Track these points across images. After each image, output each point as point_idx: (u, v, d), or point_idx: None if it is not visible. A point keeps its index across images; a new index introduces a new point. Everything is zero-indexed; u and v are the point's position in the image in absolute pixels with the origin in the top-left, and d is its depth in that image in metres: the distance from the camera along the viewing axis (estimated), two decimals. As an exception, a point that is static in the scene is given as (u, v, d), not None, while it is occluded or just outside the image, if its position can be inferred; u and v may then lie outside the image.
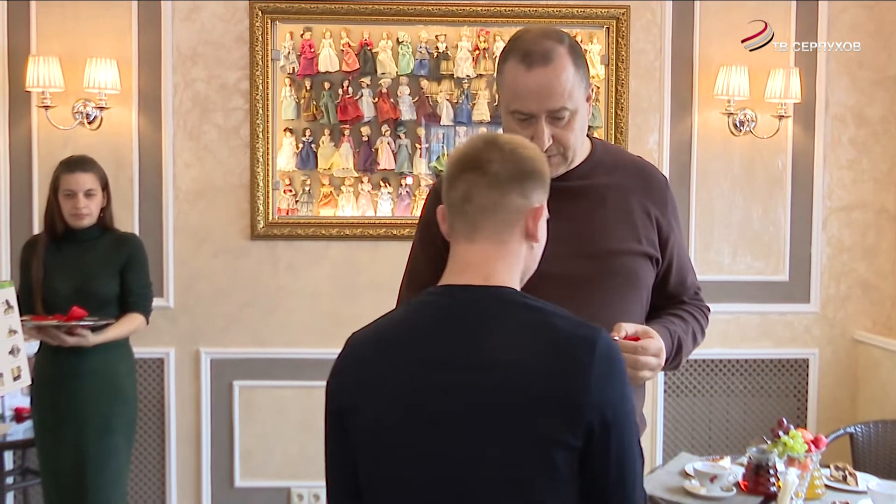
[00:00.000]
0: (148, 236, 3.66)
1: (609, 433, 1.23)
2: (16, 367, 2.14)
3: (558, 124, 1.63)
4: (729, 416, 4.03)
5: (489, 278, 1.30)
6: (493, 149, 1.32)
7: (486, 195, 1.30)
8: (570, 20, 3.86)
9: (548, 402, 1.21)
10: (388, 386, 1.28)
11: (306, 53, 3.86)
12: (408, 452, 1.26)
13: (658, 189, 1.78)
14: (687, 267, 1.85)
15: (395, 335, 1.31)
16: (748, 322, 4.01)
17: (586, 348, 1.23)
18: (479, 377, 1.23)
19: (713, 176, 3.97)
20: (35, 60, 3.63)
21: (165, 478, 3.91)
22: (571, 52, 1.63)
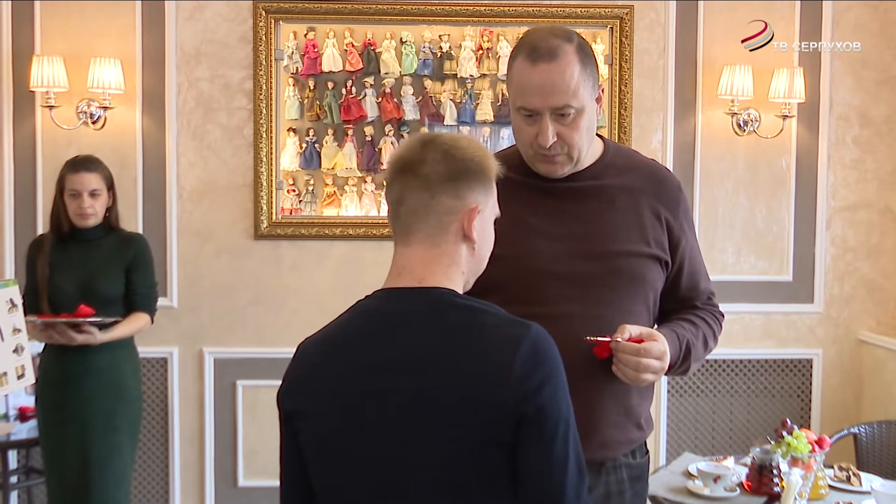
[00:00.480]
0: (152, 236, 3.66)
1: (538, 432, 1.21)
2: (20, 365, 2.14)
3: (563, 122, 1.62)
4: (732, 417, 4.03)
5: (423, 280, 1.30)
6: (428, 149, 1.31)
7: (417, 197, 1.30)
8: (574, 20, 3.86)
9: (476, 402, 1.21)
10: (327, 391, 1.29)
11: (310, 53, 3.86)
12: (346, 457, 1.27)
13: (670, 192, 1.76)
14: (700, 271, 1.82)
15: (335, 340, 1.32)
16: (752, 322, 4.01)
17: (511, 346, 1.22)
18: (411, 380, 1.23)
19: (717, 176, 3.97)
20: (39, 60, 3.63)
21: (169, 477, 3.91)
22: (579, 51, 1.62)
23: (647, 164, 1.81)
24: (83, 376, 3.07)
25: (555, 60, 1.59)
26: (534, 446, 1.22)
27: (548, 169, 1.69)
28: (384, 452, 1.24)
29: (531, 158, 1.70)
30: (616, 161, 1.76)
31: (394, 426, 1.24)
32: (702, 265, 1.84)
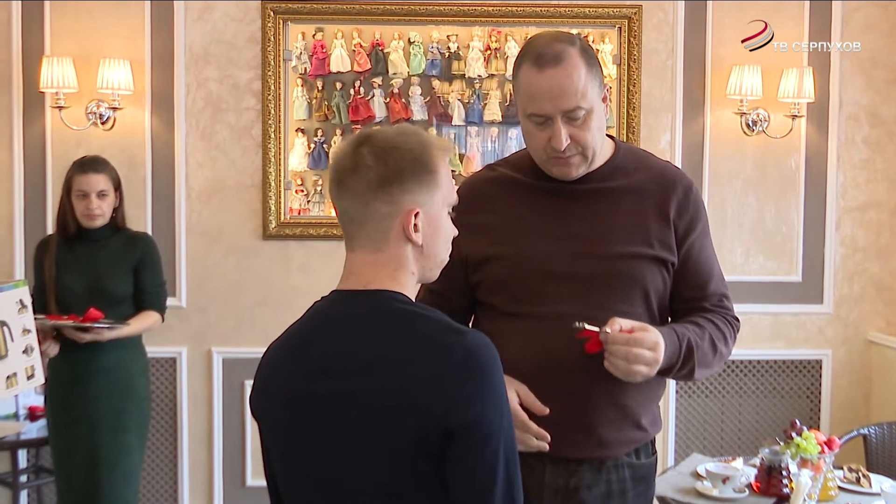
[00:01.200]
0: (160, 236, 3.67)
1: (468, 439, 1.19)
2: (29, 366, 2.14)
3: (574, 124, 1.64)
4: (741, 417, 4.02)
5: (369, 283, 1.29)
6: (360, 155, 1.28)
7: (352, 207, 1.29)
8: (582, 20, 3.86)
9: (406, 410, 1.19)
10: (278, 392, 1.31)
11: (318, 54, 3.87)
12: (294, 457, 1.29)
13: (679, 192, 1.74)
14: (709, 273, 1.79)
15: (289, 342, 1.34)
16: (761, 323, 4.00)
17: (443, 354, 1.20)
18: (348, 383, 1.23)
19: (726, 176, 3.95)
20: (49, 61, 3.65)
21: (177, 476, 3.93)
22: (583, 53, 1.64)
23: (658, 166, 1.80)
24: (92, 376, 3.08)
25: (561, 64, 1.61)
26: (460, 460, 1.19)
27: (563, 171, 1.70)
28: (325, 454, 1.25)
29: (545, 163, 1.71)
30: (625, 162, 1.76)
31: (333, 430, 1.24)
32: (714, 267, 1.81)
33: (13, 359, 2.08)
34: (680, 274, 1.75)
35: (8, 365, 2.05)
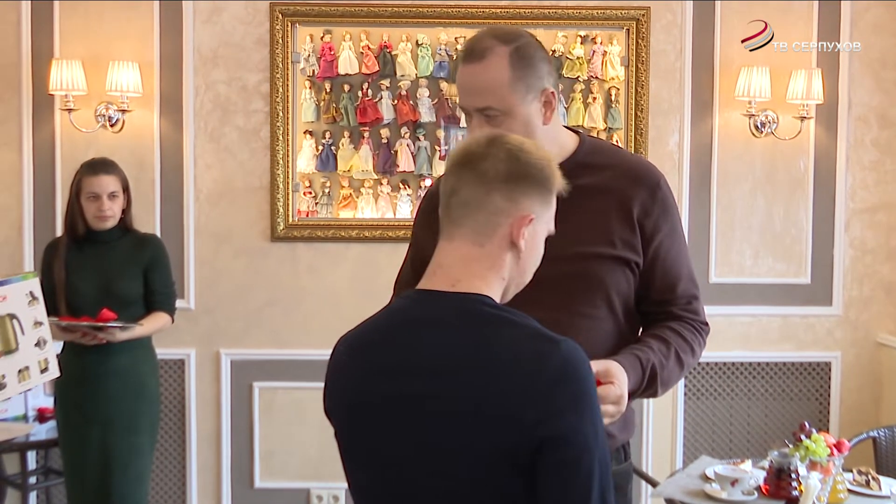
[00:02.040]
0: (169, 237, 3.68)
1: (562, 449, 1.16)
2: (42, 359, 2.09)
3: (492, 123, 1.62)
4: (750, 420, 4.00)
5: (457, 282, 1.26)
6: (492, 146, 1.28)
7: (471, 191, 1.26)
8: (590, 21, 3.85)
9: (495, 417, 1.16)
10: (355, 391, 1.29)
11: (326, 56, 3.87)
12: (371, 459, 1.27)
13: (644, 189, 1.69)
14: (678, 274, 1.73)
15: (363, 339, 1.32)
16: (770, 325, 3.98)
17: (538, 363, 1.17)
18: (436, 387, 1.20)
19: (734, 177, 3.94)
20: (58, 64, 3.67)
21: (186, 478, 3.93)
22: (514, 54, 1.61)
23: (627, 162, 1.74)
24: (103, 377, 3.10)
25: (481, 61, 1.60)
26: (551, 474, 1.16)
27: None
28: (403, 457, 1.23)
29: None
30: (589, 159, 1.71)
31: (414, 432, 1.22)
32: (684, 268, 1.74)
33: (25, 352, 2.02)
34: (647, 275, 1.70)
35: (19, 359, 1.99)
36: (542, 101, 1.65)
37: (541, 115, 1.66)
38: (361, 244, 3.90)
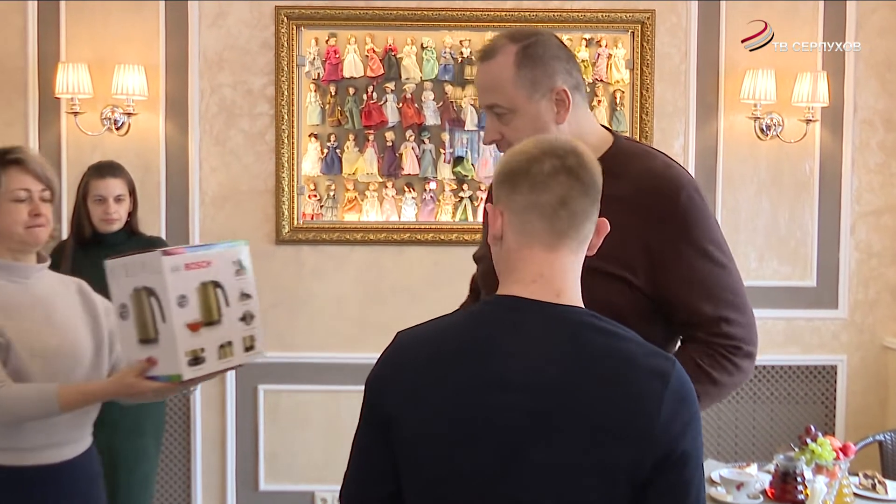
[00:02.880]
0: (175, 240, 3.69)
1: (678, 469, 1.17)
2: (248, 335, 1.85)
3: (501, 120, 1.64)
4: (755, 423, 3.99)
5: (560, 294, 1.24)
6: (574, 155, 1.26)
7: (581, 202, 1.24)
8: (595, 24, 3.85)
9: (615, 433, 1.15)
10: (447, 400, 1.21)
11: (331, 59, 3.88)
12: (459, 471, 1.20)
13: (660, 205, 1.60)
14: (700, 294, 1.61)
15: (455, 345, 1.24)
16: (775, 328, 3.98)
17: (660, 380, 1.17)
18: (547, 401, 1.17)
19: (739, 180, 3.94)
20: (64, 67, 3.68)
21: (191, 481, 3.94)
22: (522, 53, 1.61)
23: (647, 172, 1.64)
24: (107, 380, 3.09)
25: (489, 60, 1.63)
26: (667, 492, 1.17)
27: None
28: (502, 472, 1.18)
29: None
30: (613, 164, 1.61)
31: (516, 445, 1.17)
32: (714, 287, 1.63)
33: (228, 326, 1.82)
34: (666, 295, 1.61)
35: (222, 332, 1.81)
36: (553, 99, 1.63)
37: (553, 113, 1.64)
38: (366, 247, 3.91)
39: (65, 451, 2.07)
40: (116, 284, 1.83)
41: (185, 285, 1.75)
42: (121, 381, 1.89)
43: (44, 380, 2.00)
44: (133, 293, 1.79)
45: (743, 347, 1.66)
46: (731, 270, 1.68)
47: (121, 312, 1.83)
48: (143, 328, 1.80)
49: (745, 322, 1.67)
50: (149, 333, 1.80)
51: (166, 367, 1.80)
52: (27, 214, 2.03)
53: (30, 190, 2.04)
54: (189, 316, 1.77)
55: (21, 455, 1.99)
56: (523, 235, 1.25)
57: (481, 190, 3.91)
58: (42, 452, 2.02)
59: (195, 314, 1.78)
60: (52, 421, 2.01)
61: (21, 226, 2.02)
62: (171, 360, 1.79)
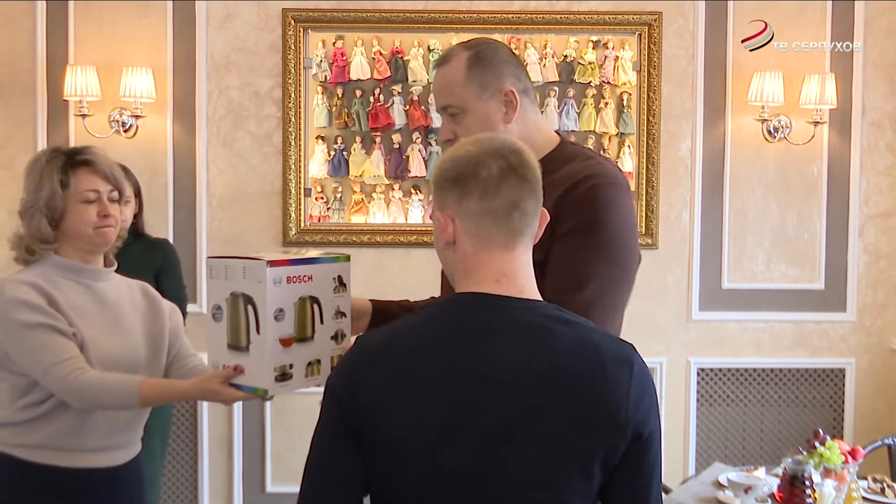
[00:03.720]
0: (182, 242, 3.70)
1: (644, 449, 1.25)
2: (337, 355, 1.77)
3: (454, 120, 1.74)
4: (763, 427, 3.98)
5: (523, 291, 1.28)
6: (515, 153, 1.30)
7: (530, 202, 1.29)
8: (602, 27, 3.85)
9: (591, 421, 1.21)
10: (423, 399, 1.22)
11: (338, 61, 3.88)
12: (439, 470, 1.21)
13: (570, 194, 1.62)
14: (553, 272, 1.59)
15: (426, 345, 1.25)
16: (783, 331, 3.96)
17: (627, 367, 1.24)
18: (525, 394, 1.21)
19: (747, 182, 3.93)
20: (73, 70, 3.69)
21: (198, 482, 3.94)
22: (473, 58, 1.72)
23: (572, 169, 1.67)
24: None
25: (443, 65, 1.76)
26: (637, 472, 1.25)
27: None
28: (481, 468, 1.20)
29: None
30: (548, 164, 1.63)
31: (498, 440, 1.20)
32: (563, 270, 1.59)
33: (319, 344, 1.75)
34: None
35: (312, 349, 1.74)
36: (502, 100, 1.73)
37: (501, 113, 1.73)
38: (373, 249, 3.91)
39: (119, 454, 2.06)
40: (214, 284, 1.76)
41: (285, 299, 1.68)
42: (204, 385, 1.84)
43: None
44: (230, 297, 1.73)
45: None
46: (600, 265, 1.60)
47: (214, 313, 1.78)
48: (235, 334, 1.74)
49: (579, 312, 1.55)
50: (240, 341, 1.73)
51: (253, 379, 1.74)
52: (96, 215, 2.03)
53: (99, 191, 2.04)
54: (283, 331, 1.70)
55: (78, 457, 1.98)
56: (480, 240, 1.28)
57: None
58: (98, 455, 2.01)
59: (289, 329, 1.71)
60: (112, 423, 2.01)
61: (90, 226, 2.02)
62: (259, 373, 1.72)
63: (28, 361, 1.94)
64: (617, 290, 1.62)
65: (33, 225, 2.01)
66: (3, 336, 1.96)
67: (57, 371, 1.90)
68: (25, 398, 1.96)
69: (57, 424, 1.96)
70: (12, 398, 1.98)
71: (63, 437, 1.97)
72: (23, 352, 1.94)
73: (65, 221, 2.02)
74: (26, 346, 1.93)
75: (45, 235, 2.01)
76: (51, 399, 1.95)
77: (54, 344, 1.92)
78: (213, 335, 1.80)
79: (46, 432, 1.96)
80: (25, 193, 2.05)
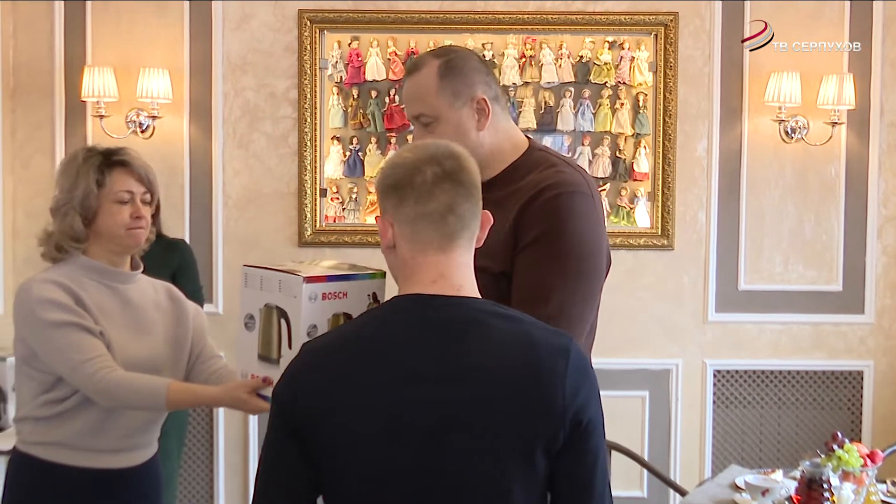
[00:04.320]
0: (198, 243, 3.71)
1: (586, 437, 1.27)
2: None
3: (428, 129, 1.73)
4: (781, 429, 3.95)
5: (461, 288, 1.31)
6: (452, 158, 1.33)
7: (466, 205, 1.32)
8: (618, 27, 3.84)
9: (532, 411, 1.23)
10: (364, 399, 1.24)
11: (354, 62, 3.89)
12: (386, 467, 1.24)
13: (526, 199, 1.65)
14: (518, 286, 1.61)
15: (366, 345, 1.28)
16: (801, 333, 3.94)
17: (563, 357, 1.27)
18: (460, 389, 1.23)
19: (764, 184, 3.91)
20: (91, 71, 3.71)
21: (214, 481, 3.96)
22: (444, 66, 1.72)
23: (537, 175, 1.69)
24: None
25: (413, 74, 1.75)
26: (579, 459, 1.27)
27: None
28: (426, 462, 1.23)
29: None
30: (512, 173, 1.73)
31: (439, 436, 1.23)
32: (529, 283, 1.61)
33: None
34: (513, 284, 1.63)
35: None
36: (474, 108, 1.73)
37: (474, 121, 1.73)
38: (388, 250, 3.91)
39: (137, 455, 2.08)
40: (249, 293, 1.77)
41: (319, 316, 1.66)
42: (232, 394, 1.85)
43: None
44: (264, 308, 1.73)
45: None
46: (566, 276, 1.61)
47: (246, 322, 1.78)
48: (267, 346, 1.74)
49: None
50: (271, 353, 1.73)
51: None
52: (129, 216, 2.04)
53: (132, 192, 2.06)
54: None
55: (96, 457, 2.00)
56: (416, 244, 1.32)
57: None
58: (117, 455, 2.02)
59: None
60: (131, 424, 2.02)
61: (122, 227, 2.03)
62: None
63: (56, 360, 1.94)
64: (581, 301, 1.63)
65: (66, 223, 2.02)
66: (30, 335, 1.97)
67: (85, 369, 1.91)
68: (48, 394, 1.98)
69: (78, 423, 1.98)
70: (35, 394, 1.99)
71: (82, 436, 1.98)
72: (50, 350, 1.94)
73: (97, 221, 2.03)
74: (54, 345, 1.94)
75: (77, 233, 2.02)
76: (74, 397, 1.97)
77: (82, 342, 1.93)
78: (244, 344, 1.80)
79: (66, 431, 1.98)
80: (59, 191, 2.06)
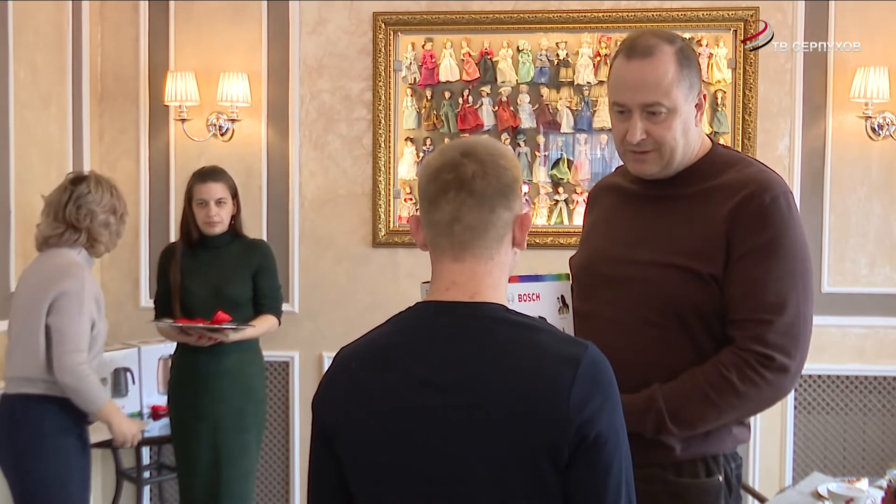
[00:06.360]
0: (275, 243, 3.79)
1: (595, 451, 1.20)
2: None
3: (654, 120, 1.63)
4: (865, 436, 3.82)
5: (475, 295, 1.28)
6: (473, 163, 1.27)
7: (476, 215, 1.27)
8: (695, 23, 3.77)
9: (533, 420, 1.19)
10: (374, 405, 1.26)
11: (427, 64, 3.91)
12: (393, 473, 1.25)
13: (738, 200, 1.61)
14: (749, 291, 1.59)
15: (380, 353, 1.29)
16: (887, 337, 3.79)
17: (570, 365, 1.21)
18: (464, 396, 1.22)
19: (849, 182, 3.78)
20: (173, 76, 3.83)
21: (289, 476, 4.03)
22: (679, 53, 1.63)
23: (741, 172, 1.66)
24: (214, 378, 3.21)
25: (649, 58, 1.61)
26: (589, 473, 1.20)
27: (637, 167, 1.70)
28: (430, 470, 1.23)
29: (623, 156, 1.73)
30: (708, 167, 1.69)
31: (442, 443, 1.22)
32: (760, 288, 1.59)
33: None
34: (727, 290, 1.61)
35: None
36: (696, 103, 1.67)
37: (694, 116, 1.67)
38: (461, 250, 3.91)
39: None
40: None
41: None
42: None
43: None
44: None
45: (776, 359, 1.59)
46: (796, 279, 1.62)
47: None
48: None
49: (786, 331, 1.60)
50: None
51: None
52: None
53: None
54: None
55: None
56: (434, 248, 1.32)
57: (577, 193, 3.88)
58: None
59: None
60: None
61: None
62: None
63: (61, 333, 2.72)
64: (810, 300, 1.65)
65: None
66: (64, 303, 2.73)
67: (76, 357, 2.74)
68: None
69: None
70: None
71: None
72: (64, 324, 2.73)
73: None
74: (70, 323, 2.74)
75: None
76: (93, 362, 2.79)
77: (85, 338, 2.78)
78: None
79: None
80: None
